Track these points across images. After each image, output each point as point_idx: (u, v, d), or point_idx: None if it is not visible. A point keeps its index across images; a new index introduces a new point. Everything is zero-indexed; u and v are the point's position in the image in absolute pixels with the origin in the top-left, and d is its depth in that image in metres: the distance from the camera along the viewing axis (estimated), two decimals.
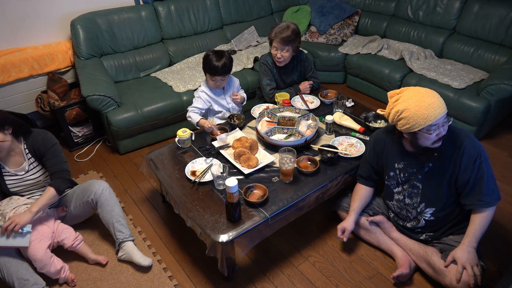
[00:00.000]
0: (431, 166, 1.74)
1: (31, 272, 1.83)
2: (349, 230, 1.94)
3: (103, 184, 2.05)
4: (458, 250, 1.69)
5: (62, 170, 1.95)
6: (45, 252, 1.85)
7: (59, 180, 1.92)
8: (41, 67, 2.97)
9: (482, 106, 2.74)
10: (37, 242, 1.85)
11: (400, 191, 1.90)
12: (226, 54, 2.33)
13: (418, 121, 1.57)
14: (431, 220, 1.83)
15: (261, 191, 1.86)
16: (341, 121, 2.37)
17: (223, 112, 2.55)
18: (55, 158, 1.94)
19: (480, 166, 1.64)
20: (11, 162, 1.92)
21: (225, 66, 2.29)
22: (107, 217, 2.02)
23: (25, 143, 1.94)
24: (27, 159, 1.94)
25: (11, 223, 1.74)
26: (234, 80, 2.58)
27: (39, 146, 1.92)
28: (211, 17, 3.65)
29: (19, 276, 1.77)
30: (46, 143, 1.93)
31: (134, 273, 1.98)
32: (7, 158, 1.91)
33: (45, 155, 1.93)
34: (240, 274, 1.98)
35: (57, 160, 1.95)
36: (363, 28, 4.10)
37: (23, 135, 1.93)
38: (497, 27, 3.12)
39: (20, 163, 1.94)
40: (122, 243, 2.01)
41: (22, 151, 1.93)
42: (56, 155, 1.95)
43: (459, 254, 1.66)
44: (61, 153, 1.99)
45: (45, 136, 1.95)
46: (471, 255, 1.65)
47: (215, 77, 2.33)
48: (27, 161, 1.94)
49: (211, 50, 2.35)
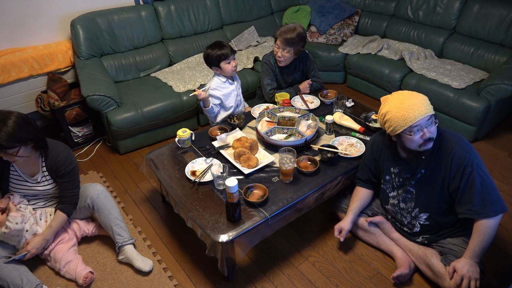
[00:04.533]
0: (423, 172, 1.74)
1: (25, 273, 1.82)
2: (346, 230, 1.94)
3: (98, 188, 2.03)
4: (460, 261, 1.65)
5: (73, 195, 1.95)
6: (68, 251, 1.97)
7: (69, 206, 1.94)
8: (41, 67, 2.97)
9: (482, 106, 2.74)
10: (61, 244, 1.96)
11: (395, 195, 1.90)
12: (220, 40, 2.46)
13: (399, 122, 1.58)
14: (426, 224, 1.83)
15: (261, 191, 1.86)
16: (341, 121, 2.37)
17: (233, 108, 2.58)
18: (71, 182, 1.93)
19: (471, 174, 1.59)
20: (24, 166, 1.89)
21: (229, 45, 2.40)
22: (105, 221, 2.01)
23: (44, 158, 1.89)
24: (42, 171, 1.91)
25: (30, 254, 1.86)
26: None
27: (60, 166, 1.88)
28: (211, 17, 3.65)
29: (13, 279, 1.77)
30: (67, 165, 1.89)
31: (134, 273, 1.98)
32: (22, 164, 1.86)
33: (62, 176, 1.90)
34: (240, 274, 1.98)
35: (72, 185, 1.94)
36: (363, 28, 4.10)
37: (42, 150, 1.87)
38: (497, 27, 3.12)
39: (34, 172, 1.90)
40: (122, 246, 2.00)
41: (39, 163, 1.89)
42: (72, 179, 1.93)
43: (460, 265, 1.64)
44: (77, 176, 1.96)
45: (67, 157, 1.90)
46: (472, 268, 1.62)
47: (229, 58, 2.38)
48: (41, 173, 1.91)
49: (206, 47, 2.42)
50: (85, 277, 1.89)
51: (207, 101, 2.41)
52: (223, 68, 2.41)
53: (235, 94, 2.56)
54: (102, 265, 2.03)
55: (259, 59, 3.41)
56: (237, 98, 2.59)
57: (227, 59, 2.37)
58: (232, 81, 2.55)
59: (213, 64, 2.42)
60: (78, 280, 1.90)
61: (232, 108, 2.57)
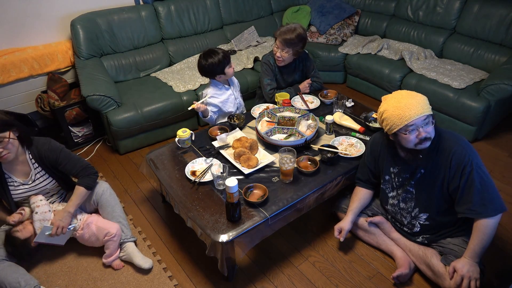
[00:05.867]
0: (423, 172, 1.74)
1: (22, 274, 1.83)
2: (346, 230, 1.94)
3: (104, 185, 2.06)
4: (460, 261, 1.65)
5: (83, 167, 1.97)
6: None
7: (86, 178, 1.95)
8: (41, 67, 2.97)
9: (482, 106, 2.74)
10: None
11: (394, 195, 1.90)
12: (212, 47, 2.39)
13: (394, 121, 1.59)
14: (426, 224, 1.83)
15: (261, 191, 1.86)
16: (341, 121, 2.37)
17: (233, 112, 2.56)
18: (70, 160, 1.95)
19: (470, 174, 1.59)
20: (18, 172, 1.91)
21: (224, 51, 2.35)
22: (108, 218, 2.03)
23: (29, 152, 1.92)
24: (33, 168, 1.93)
25: (57, 228, 1.88)
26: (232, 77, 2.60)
27: (48, 155, 1.92)
28: (211, 17, 3.65)
29: (10, 281, 1.77)
30: (54, 151, 1.93)
31: (134, 273, 1.98)
32: (13, 168, 1.89)
33: (59, 163, 1.94)
34: (240, 274, 1.98)
35: (73, 162, 1.96)
36: (363, 28, 4.10)
37: (27, 144, 1.91)
38: (497, 27, 3.12)
39: (27, 172, 1.93)
40: (123, 243, 2.02)
41: (27, 160, 1.92)
42: (69, 158, 1.96)
43: (460, 265, 1.63)
44: (71, 153, 1.99)
45: (50, 145, 1.94)
46: (472, 268, 1.61)
47: (230, 61, 2.37)
48: (33, 170, 1.93)
49: (199, 57, 2.36)
50: None
51: (206, 111, 2.39)
52: (227, 73, 2.39)
53: (233, 98, 2.55)
54: (102, 265, 2.03)
55: (259, 59, 3.41)
56: (236, 102, 2.58)
57: (229, 63, 2.36)
58: (228, 86, 2.53)
59: (218, 73, 2.37)
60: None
61: (232, 113, 2.56)
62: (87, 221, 1.99)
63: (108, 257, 1.99)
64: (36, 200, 1.92)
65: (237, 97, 2.60)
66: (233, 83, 2.59)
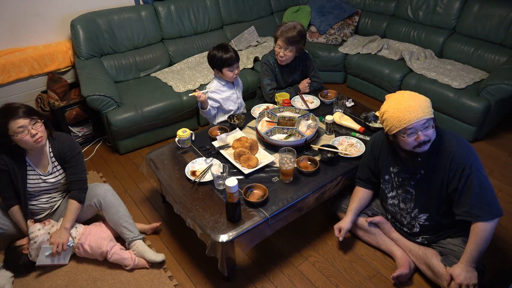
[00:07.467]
0: (423, 173, 1.73)
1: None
2: (345, 229, 1.94)
3: (105, 187, 2.07)
4: (456, 267, 1.64)
5: (81, 180, 2.00)
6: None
7: (79, 192, 1.98)
8: (41, 67, 2.97)
9: (482, 106, 2.74)
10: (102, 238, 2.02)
11: (394, 195, 1.90)
12: (227, 43, 2.41)
13: (394, 123, 1.58)
14: (426, 225, 1.83)
15: (261, 191, 1.86)
16: (341, 121, 2.37)
17: (233, 111, 2.56)
18: (78, 166, 1.99)
19: (470, 177, 1.58)
20: (40, 163, 1.94)
21: (235, 52, 2.37)
22: (114, 219, 2.03)
23: (50, 146, 1.95)
24: (51, 162, 1.96)
25: (57, 246, 1.88)
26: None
27: (66, 151, 1.95)
28: (211, 17, 3.65)
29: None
30: (73, 150, 1.97)
31: (134, 273, 1.98)
32: (36, 158, 1.92)
33: (69, 161, 1.97)
34: (240, 274, 1.98)
35: (79, 169, 2.00)
36: (363, 28, 4.10)
37: (50, 135, 1.94)
38: (497, 27, 3.12)
39: (45, 164, 1.96)
40: (133, 241, 2.03)
41: (47, 154, 1.95)
42: (79, 164, 2.00)
43: (457, 273, 1.62)
44: (83, 161, 2.04)
45: (72, 143, 1.99)
46: (469, 274, 1.61)
47: (233, 66, 2.37)
48: (51, 164, 1.96)
49: (213, 47, 2.37)
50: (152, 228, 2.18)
51: (205, 102, 2.40)
52: (224, 73, 2.39)
53: (235, 97, 2.55)
54: (102, 265, 2.03)
55: (259, 59, 3.41)
56: (237, 101, 2.58)
57: (230, 67, 2.36)
58: (232, 85, 2.54)
59: (215, 67, 2.39)
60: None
61: (233, 112, 2.56)
62: (80, 241, 1.98)
63: (127, 266, 1.98)
64: (34, 229, 1.90)
65: (239, 97, 2.60)
66: (237, 83, 2.60)
